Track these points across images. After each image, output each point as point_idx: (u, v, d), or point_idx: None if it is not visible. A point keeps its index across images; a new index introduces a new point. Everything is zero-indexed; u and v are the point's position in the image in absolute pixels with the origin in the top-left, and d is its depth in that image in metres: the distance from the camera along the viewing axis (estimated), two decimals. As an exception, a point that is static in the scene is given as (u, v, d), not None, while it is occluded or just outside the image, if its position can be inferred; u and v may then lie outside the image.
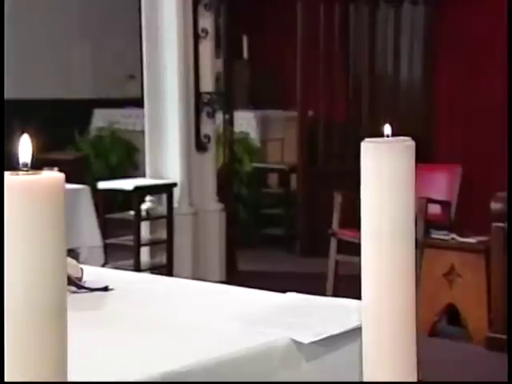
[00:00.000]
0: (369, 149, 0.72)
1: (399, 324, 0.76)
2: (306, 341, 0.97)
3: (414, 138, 0.78)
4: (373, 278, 0.74)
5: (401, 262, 0.75)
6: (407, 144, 0.73)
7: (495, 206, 3.20)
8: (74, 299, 1.13)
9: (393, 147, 0.72)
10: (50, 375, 0.58)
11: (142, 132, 4.65)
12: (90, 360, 0.89)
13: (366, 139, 0.74)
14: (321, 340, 0.97)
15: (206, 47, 4.41)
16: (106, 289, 1.18)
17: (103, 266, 3.49)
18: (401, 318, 0.76)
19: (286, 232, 5.35)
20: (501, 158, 4.87)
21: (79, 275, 1.19)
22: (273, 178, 5.81)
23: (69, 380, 0.61)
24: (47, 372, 0.58)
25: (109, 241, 4.06)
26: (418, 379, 0.77)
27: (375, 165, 0.72)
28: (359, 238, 0.75)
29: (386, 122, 0.75)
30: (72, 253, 3.25)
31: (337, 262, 3.88)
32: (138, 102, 5.18)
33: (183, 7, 4.29)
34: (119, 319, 1.06)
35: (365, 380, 0.76)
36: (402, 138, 0.74)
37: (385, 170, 0.72)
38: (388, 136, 0.74)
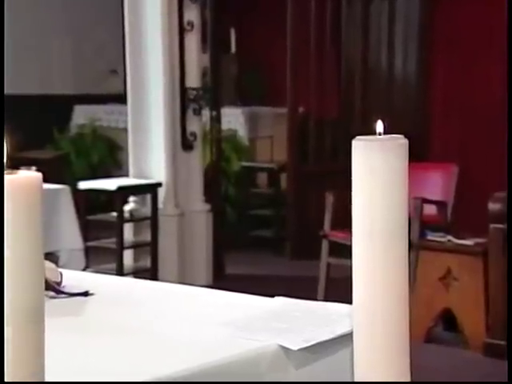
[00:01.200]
0: (360, 147, 0.72)
1: (392, 329, 0.76)
2: (295, 347, 0.97)
3: (408, 135, 0.78)
4: (364, 281, 0.75)
5: (394, 264, 0.76)
6: (400, 142, 0.74)
7: (493, 206, 3.22)
8: (53, 305, 1.13)
9: (385, 145, 0.72)
10: (26, 377, 0.58)
11: (125, 129, 4.64)
12: (68, 369, 0.88)
13: (357, 137, 0.74)
14: (310, 346, 0.98)
15: (192, 41, 4.41)
16: (86, 294, 1.18)
17: (84, 270, 3.48)
18: (394, 323, 0.76)
19: (275, 234, 5.36)
20: (499, 157, 4.90)
21: (58, 279, 1.19)
22: (262, 178, 5.82)
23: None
24: (23, 374, 0.58)
25: (90, 243, 4.05)
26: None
27: (366, 164, 0.72)
28: (352, 240, 0.75)
29: (379, 119, 0.76)
30: (51, 256, 3.24)
31: (328, 265, 3.89)
32: (121, 98, 5.17)
33: (168, -1, 4.29)
34: (100, 326, 1.06)
35: (356, 388, 0.76)
36: (394, 135, 0.75)
37: (376, 169, 0.72)
38: (380, 133, 0.75)
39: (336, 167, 4.84)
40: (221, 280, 4.50)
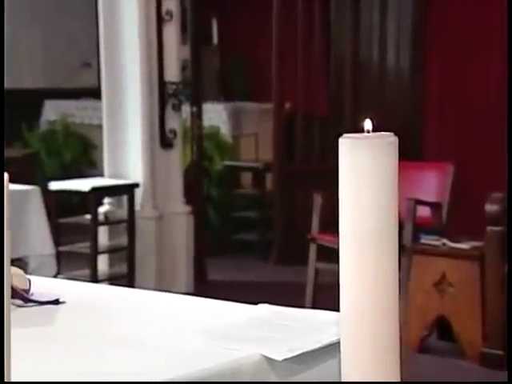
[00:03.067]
0: (346, 145, 0.73)
1: (382, 338, 0.77)
2: (279, 358, 0.97)
3: (401, 133, 0.79)
4: (352, 287, 0.75)
5: (383, 269, 0.76)
6: (389, 140, 0.74)
7: (490, 208, 3.24)
8: (20, 314, 1.13)
9: (373, 144, 0.73)
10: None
11: (100, 126, 4.63)
12: (38, 381, 0.88)
13: (345, 135, 0.75)
14: (296, 357, 0.98)
15: (171, 31, 4.41)
16: (56, 302, 1.18)
17: (55, 276, 3.47)
18: (383, 332, 0.77)
19: (260, 237, 5.37)
20: (496, 155, 4.94)
21: (26, 287, 1.18)
22: (246, 178, 5.82)
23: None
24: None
25: (62, 248, 4.04)
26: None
27: (354, 163, 0.73)
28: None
29: (370, 116, 0.77)
30: (19, 262, 3.23)
31: (316, 270, 3.91)
32: (95, 93, 5.15)
33: (145, -14, 4.29)
34: (71, 337, 1.06)
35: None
36: (383, 133, 0.76)
37: (364, 168, 0.73)
38: (368, 131, 0.75)
39: (324, 167, 4.86)
40: (202, 287, 4.50)
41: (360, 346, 0.76)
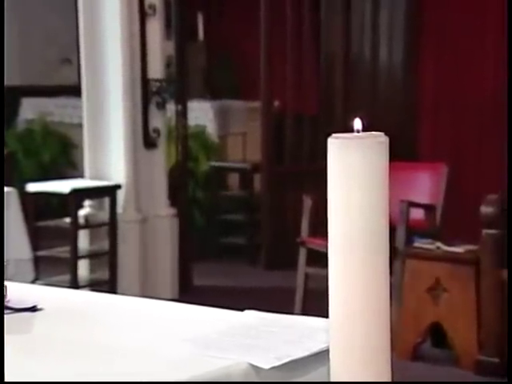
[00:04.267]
0: (335, 145, 0.73)
1: (372, 346, 0.77)
2: (266, 366, 0.98)
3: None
4: (341, 292, 0.76)
5: (373, 274, 0.77)
6: (379, 140, 0.75)
7: (486, 210, 3.26)
8: (-3, 321, 1.12)
9: (362, 143, 0.74)
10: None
11: (80, 125, 4.62)
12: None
13: (334, 135, 0.75)
14: (284, 365, 0.99)
15: (155, 26, 4.41)
16: (34, 309, 1.17)
17: (33, 282, 3.46)
18: (374, 340, 0.77)
19: (248, 241, 5.37)
20: (492, 156, 4.97)
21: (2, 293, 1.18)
22: (233, 179, 5.82)
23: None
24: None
25: (40, 253, 4.02)
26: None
27: (343, 164, 0.73)
28: (329, 248, 0.76)
29: (361, 115, 0.77)
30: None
31: (306, 275, 3.91)
32: (75, 90, 5.13)
33: (128, -21, 4.28)
34: (49, 345, 1.05)
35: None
36: (373, 133, 0.76)
37: (353, 169, 0.73)
38: (358, 131, 0.76)
39: (315, 167, 4.87)
40: (187, 293, 4.50)
41: (350, 348, 0.77)
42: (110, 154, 4.37)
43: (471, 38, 5.18)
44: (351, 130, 0.76)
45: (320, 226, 3.70)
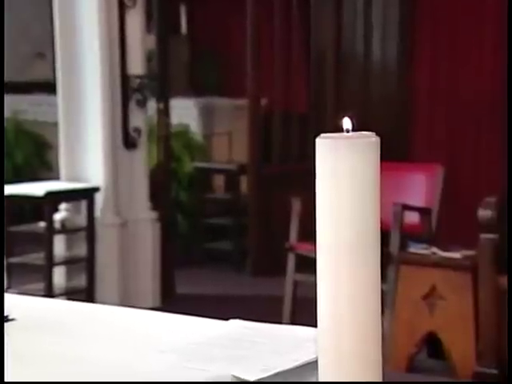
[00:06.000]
0: (324, 146, 0.74)
1: (363, 357, 0.78)
2: (251, 378, 0.98)
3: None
4: (329, 301, 0.76)
5: (364, 281, 0.77)
6: (370, 140, 0.75)
7: (484, 213, 3.28)
8: (-34, 332, 1.12)
9: (352, 144, 0.74)
10: None
11: (56, 124, 4.61)
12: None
13: (322, 135, 0.76)
14: (270, 377, 0.99)
15: (135, 19, 4.40)
16: (5, 319, 1.17)
17: (5, 291, 3.44)
18: (364, 350, 0.78)
19: (234, 246, 5.38)
20: (490, 157, 5.00)
21: (-27, 302, 1.17)
22: (218, 181, 5.83)
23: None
24: None
25: (13, 259, 4.01)
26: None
27: (332, 165, 0.74)
28: (317, 253, 0.76)
29: (351, 114, 0.77)
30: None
31: (295, 283, 3.92)
32: (50, 87, 5.12)
33: (106, -30, 4.28)
34: (22, 357, 1.05)
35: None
36: (364, 133, 0.76)
37: (343, 170, 0.74)
38: (348, 131, 0.76)
39: (304, 169, 4.87)
40: (170, 301, 4.49)
41: (339, 360, 0.77)
42: (87, 154, 4.36)
43: (468, 35, 5.20)
44: (342, 130, 0.76)
45: (310, 231, 3.70)
